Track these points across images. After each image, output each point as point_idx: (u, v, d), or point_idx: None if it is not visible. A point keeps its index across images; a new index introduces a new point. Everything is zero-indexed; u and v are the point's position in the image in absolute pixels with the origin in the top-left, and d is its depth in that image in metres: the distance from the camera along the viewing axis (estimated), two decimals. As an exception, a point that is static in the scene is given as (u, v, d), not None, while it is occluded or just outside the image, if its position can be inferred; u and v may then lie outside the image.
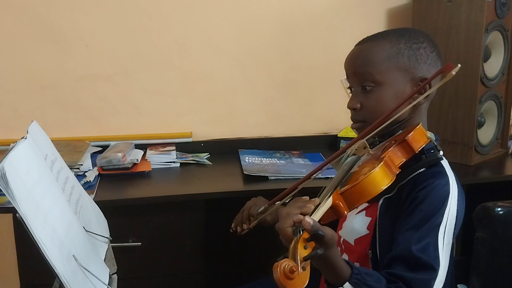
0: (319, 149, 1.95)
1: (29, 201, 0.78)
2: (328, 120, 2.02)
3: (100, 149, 1.78)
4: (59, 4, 1.75)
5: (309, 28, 1.94)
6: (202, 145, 1.91)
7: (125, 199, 1.49)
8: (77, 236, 0.92)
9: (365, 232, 1.07)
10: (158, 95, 1.88)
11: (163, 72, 1.87)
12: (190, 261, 1.54)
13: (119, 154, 1.64)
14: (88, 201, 1.12)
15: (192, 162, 1.81)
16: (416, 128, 1.00)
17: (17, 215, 0.75)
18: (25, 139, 0.87)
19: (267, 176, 1.61)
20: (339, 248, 1.14)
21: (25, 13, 1.74)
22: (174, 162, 1.76)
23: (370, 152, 1.00)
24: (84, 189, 1.13)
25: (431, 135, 1.03)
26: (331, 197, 0.89)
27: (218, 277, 1.70)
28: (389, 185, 0.92)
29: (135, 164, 1.68)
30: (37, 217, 0.78)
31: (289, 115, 2.00)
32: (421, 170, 1.02)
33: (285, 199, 1.13)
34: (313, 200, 0.91)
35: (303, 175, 1.62)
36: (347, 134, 1.94)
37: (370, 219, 1.07)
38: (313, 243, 0.80)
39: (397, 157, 0.98)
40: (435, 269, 0.93)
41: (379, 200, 1.04)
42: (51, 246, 0.78)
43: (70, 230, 0.89)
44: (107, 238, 1.10)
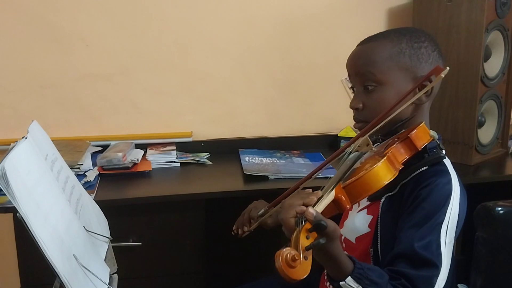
0: (319, 149, 1.95)
1: (30, 200, 0.78)
2: (328, 120, 2.02)
3: (100, 148, 1.78)
4: (60, 4, 1.75)
5: (309, 28, 1.94)
6: (203, 144, 1.92)
7: (125, 198, 1.49)
8: (77, 236, 0.92)
9: (366, 230, 1.07)
10: (158, 94, 1.88)
11: (163, 72, 1.87)
12: (190, 260, 1.54)
13: (120, 154, 1.64)
14: (88, 201, 1.12)
15: (192, 161, 1.81)
16: (419, 126, 1.01)
17: (17, 214, 0.75)
18: (26, 138, 0.87)
19: (267, 176, 1.61)
20: (340, 232, 1.14)
21: (26, 13, 1.74)
22: (174, 162, 1.77)
23: (373, 149, 1.00)
24: (84, 188, 1.13)
25: (434, 134, 1.04)
26: (333, 191, 0.89)
27: (218, 276, 1.70)
28: (391, 182, 0.92)
29: (135, 164, 1.68)
30: (37, 217, 0.78)
31: (289, 114, 2.00)
32: (424, 168, 1.02)
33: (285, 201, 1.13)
34: (316, 193, 0.92)
35: (304, 175, 1.62)
36: (347, 133, 1.94)
37: (371, 217, 1.07)
38: (315, 233, 0.80)
39: (400, 153, 0.98)
40: (437, 266, 0.93)
41: (381, 198, 1.04)
42: (51, 245, 0.78)
43: (70, 230, 0.89)
44: (107, 237, 1.10)
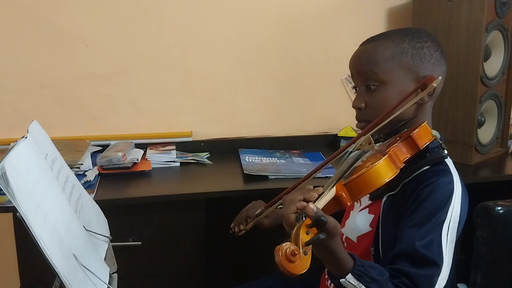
0: (319, 149, 1.96)
1: (30, 200, 0.78)
2: (328, 120, 2.02)
3: (100, 148, 1.78)
4: (60, 4, 1.75)
5: (309, 28, 1.94)
6: (202, 144, 1.92)
7: (125, 198, 1.49)
8: (77, 235, 0.92)
9: (367, 229, 1.07)
10: (158, 94, 1.88)
11: (163, 72, 1.87)
12: (190, 260, 1.54)
13: (119, 154, 1.64)
14: (88, 200, 1.12)
15: (192, 161, 1.81)
16: (421, 126, 1.01)
17: (17, 214, 0.75)
18: (26, 138, 0.87)
19: (267, 176, 1.61)
20: (340, 229, 1.14)
21: (26, 13, 1.74)
22: (174, 162, 1.77)
23: (375, 147, 1.01)
24: (84, 188, 1.13)
25: (436, 134, 1.04)
26: (334, 187, 0.89)
27: (218, 276, 1.70)
28: (393, 181, 0.92)
29: (135, 164, 1.68)
30: (37, 216, 0.78)
31: (289, 114, 2.00)
32: (425, 168, 1.02)
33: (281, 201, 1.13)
34: (317, 189, 0.92)
35: (303, 174, 1.63)
36: (347, 133, 1.94)
37: (373, 216, 1.07)
38: (315, 229, 0.80)
39: (401, 152, 0.98)
40: (438, 265, 0.93)
41: (382, 197, 1.05)
42: (51, 245, 0.78)
43: (70, 229, 0.89)
44: (107, 237, 1.10)
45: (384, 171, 0.91)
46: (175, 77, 1.88)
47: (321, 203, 0.86)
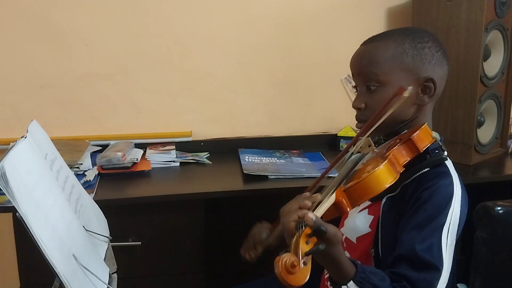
0: (319, 149, 1.95)
1: (29, 200, 0.78)
2: (328, 120, 2.02)
3: (100, 148, 1.78)
4: (60, 3, 1.75)
5: (309, 28, 1.94)
6: (202, 144, 1.91)
7: (125, 198, 1.49)
8: (77, 236, 0.92)
9: (367, 230, 1.07)
10: (158, 94, 1.88)
11: (163, 72, 1.87)
12: (190, 260, 1.54)
13: (119, 153, 1.64)
14: (88, 200, 1.12)
15: (192, 161, 1.81)
16: (422, 128, 1.00)
17: (17, 214, 0.75)
18: (25, 138, 0.87)
19: (267, 176, 1.61)
20: (341, 236, 1.14)
21: (25, 12, 1.74)
22: (174, 162, 1.77)
23: (375, 150, 1.00)
24: (84, 188, 1.13)
25: (436, 135, 1.03)
26: (334, 194, 0.89)
27: (218, 276, 1.70)
28: (393, 183, 0.92)
29: (135, 163, 1.68)
30: (37, 216, 0.78)
31: (289, 114, 2.00)
32: (425, 170, 1.02)
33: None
34: (314, 196, 0.92)
35: (303, 174, 1.63)
36: (347, 133, 1.94)
37: (372, 217, 1.07)
38: (315, 238, 0.80)
39: (401, 155, 0.98)
40: (438, 269, 0.93)
41: (382, 198, 1.04)
42: (51, 245, 0.78)
43: (70, 229, 0.89)
44: (107, 237, 1.10)
45: (384, 176, 0.90)
46: (175, 77, 1.88)
47: (321, 210, 0.86)
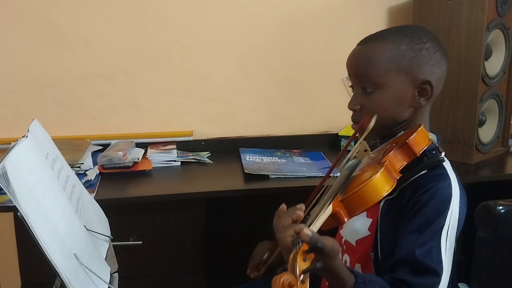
0: (319, 148, 1.95)
1: (30, 200, 0.78)
2: (328, 119, 2.02)
3: (101, 147, 1.78)
4: (60, 3, 1.75)
5: (309, 27, 1.94)
6: (203, 143, 1.91)
7: (126, 197, 1.49)
8: (78, 235, 0.92)
9: (366, 233, 1.06)
10: (158, 94, 1.88)
11: (163, 71, 1.87)
12: (191, 259, 1.54)
13: (120, 153, 1.64)
14: (89, 200, 1.12)
15: (193, 160, 1.80)
16: (418, 130, 0.99)
17: (18, 213, 0.75)
18: (26, 137, 0.87)
19: (268, 175, 1.61)
20: (340, 248, 1.14)
21: (26, 12, 1.74)
22: (175, 161, 1.76)
23: (371, 155, 0.99)
24: (85, 187, 1.13)
25: (433, 137, 1.02)
26: (331, 205, 0.88)
27: (219, 275, 1.70)
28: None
29: (136, 163, 1.68)
30: (38, 216, 0.78)
31: (289, 113, 2.00)
32: (423, 172, 1.01)
33: None
34: (297, 207, 0.91)
35: (304, 173, 1.63)
36: (347, 132, 1.94)
37: (371, 220, 1.06)
38: (312, 254, 0.78)
39: (398, 160, 0.96)
40: (438, 273, 0.92)
41: (380, 201, 1.03)
42: (52, 245, 0.78)
43: (71, 229, 0.89)
44: (108, 236, 1.10)
45: (381, 185, 0.89)
46: (176, 77, 1.88)
47: (317, 224, 0.84)
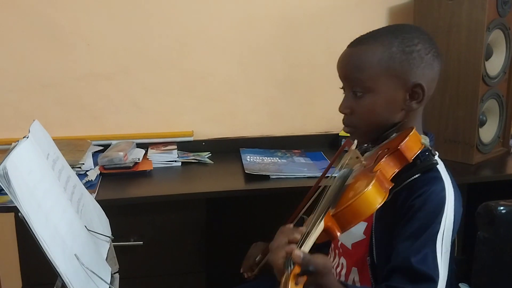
0: (320, 148, 1.95)
1: (31, 200, 0.78)
2: (329, 119, 2.02)
3: (101, 148, 1.78)
4: (61, 3, 1.75)
5: (310, 27, 1.94)
6: (204, 144, 1.91)
7: (126, 198, 1.49)
8: (79, 235, 0.92)
9: (361, 237, 1.06)
10: (159, 94, 1.88)
11: (164, 71, 1.87)
12: (192, 260, 1.54)
13: (121, 153, 1.64)
14: (89, 200, 1.12)
15: (193, 161, 1.81)
16: (410, 134, 0.97)
17: (19, 214, 0.75)
18: (27, 138, 0.87)
19: (268, 175, 1.61)
20: (337, 251, 1.14)
21: (26, 12, 1.74)
22: (175, 161, 1.77)
23: (363, 162, 0.98)
24: (85, 188, 1.13)
25: (425, 141, 1.01)
26: (323, 221, 0.86)
27: (219, 275, 1.70)
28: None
29: (136, 163, 1.68)
30: (39, 216, 0.78)
31: (290, 114, 2.00)
32: (416, 176, 0.99)
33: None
34: (300, 229, 0.90)
35: (305, 174, 1.63)
36: (348, 133, 1.94)
37: (366, 224, 1.05)
38: (305, 277, 0.77)
39: (390, 168, 0.95)
40: (435, 280, 0.91)
41: None
42: (53, 245, 0.78)
43: (72, 229, 0.89)
44: (108, 237, 1.10)
45: (372, 198, 0.86)
46: (176, 77, 1.88)
47: (310, 243, 0.82)
